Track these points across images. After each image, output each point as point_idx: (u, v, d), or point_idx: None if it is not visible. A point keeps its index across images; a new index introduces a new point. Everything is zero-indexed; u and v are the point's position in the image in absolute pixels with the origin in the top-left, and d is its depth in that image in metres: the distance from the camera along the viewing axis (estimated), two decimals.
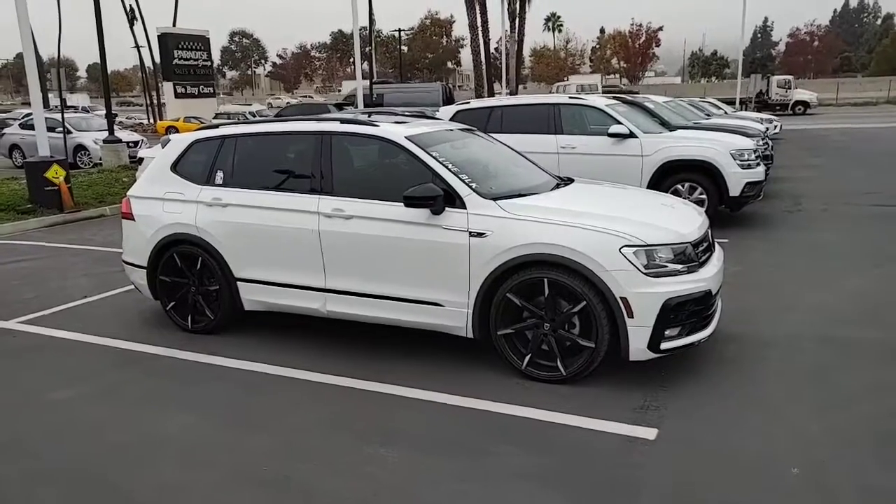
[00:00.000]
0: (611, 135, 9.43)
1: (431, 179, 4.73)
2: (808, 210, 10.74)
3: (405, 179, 4.78)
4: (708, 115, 17.46)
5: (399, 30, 71.78)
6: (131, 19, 42.71)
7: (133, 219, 5.89)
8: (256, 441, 3.92)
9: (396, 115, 6.15)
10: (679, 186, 9.32)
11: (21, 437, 4.07)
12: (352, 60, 73.08)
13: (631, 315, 4.22)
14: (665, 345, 4.30)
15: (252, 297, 5.45)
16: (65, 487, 3.53)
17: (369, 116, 5.73)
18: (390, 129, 5.13)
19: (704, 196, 9.24)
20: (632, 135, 9.42)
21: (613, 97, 11.71)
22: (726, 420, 4.00)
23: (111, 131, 19.07)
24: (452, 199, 4.66)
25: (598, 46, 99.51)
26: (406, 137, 5.02)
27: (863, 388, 4.36)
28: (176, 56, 33.83)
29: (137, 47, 44.36)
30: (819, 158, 17.83)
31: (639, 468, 3.52)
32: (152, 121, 42.68)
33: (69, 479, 3.60)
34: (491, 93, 43.89)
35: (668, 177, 9.36)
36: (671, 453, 3.65)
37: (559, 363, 4.45)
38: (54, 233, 10.76)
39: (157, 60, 38.43)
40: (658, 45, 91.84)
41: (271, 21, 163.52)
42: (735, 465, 3.51)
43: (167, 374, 4.96)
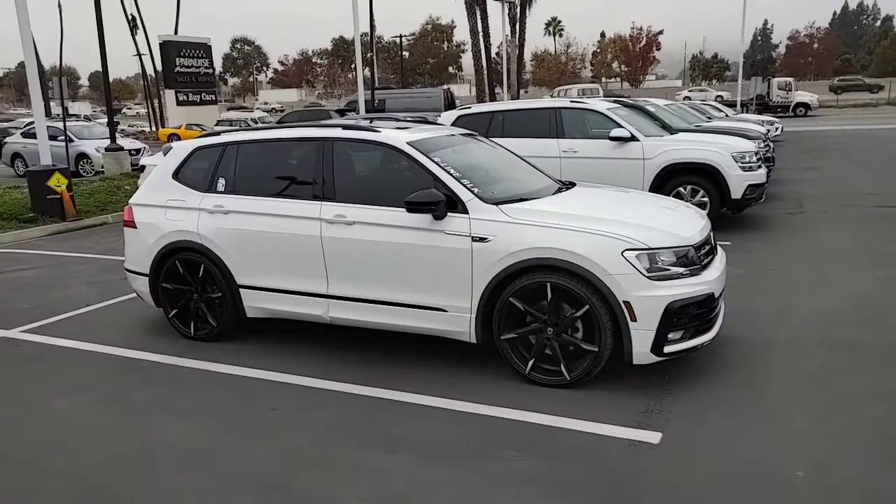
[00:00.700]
0: (612, 138, 9.45)
1: (433, 185, 4.73)
2: (810, 212, 10.73)
3: (407, 185, 4.78)
4: (709, 118, 17.45)
5: (400, 35, 72.11)
6: (133, 27, 42.82)
7: (135, 227, 5.90)
8: (258, 448, 3.91)
9: (398, 121, 6.15)
10: (681, 189, 9.32)
11: (23, 446, 4.06)
12: (353, 66, 73.21)
13: (634, 319, 4.21)
14: (668, 348, 4.30)
15: (254, 304, 5.45)
16: (66, 496, 3.52)
17: (371, 122, 5.74)
18: (392, 135, 5.14)
19: (706, 199, 9.24)
20: (633, 138, 9.43)
21: (615, 100, 11.70)
22: (730, 423, 3.99)
23: (113, 139, 19.12)
24: (454, 205, 4.65)
25: (599, 50, 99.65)
26: (408, 143, 5.02)
27: (866, 391, 4.35)
28: (177, 64, 33.86)
29: (139, 55, 44.47)
30: (821, 160, 17.81)
31: (643, 472, 3.51)
32: (154, 128, 42.77)
33: (71, 488, 3.59)
34: (493, 97, 43.96)
35: (670, 180, 9.37)
36: (675, 457, 3.64)
37: (563, 367, 4.44)
38: (57, 241, 10.78)
39: (159, 68, 38.50)
40: (658, 49, 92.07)
41: (273, 28, 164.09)
42: (739, 469, 3.50)
43: (169, 382, 4.96)
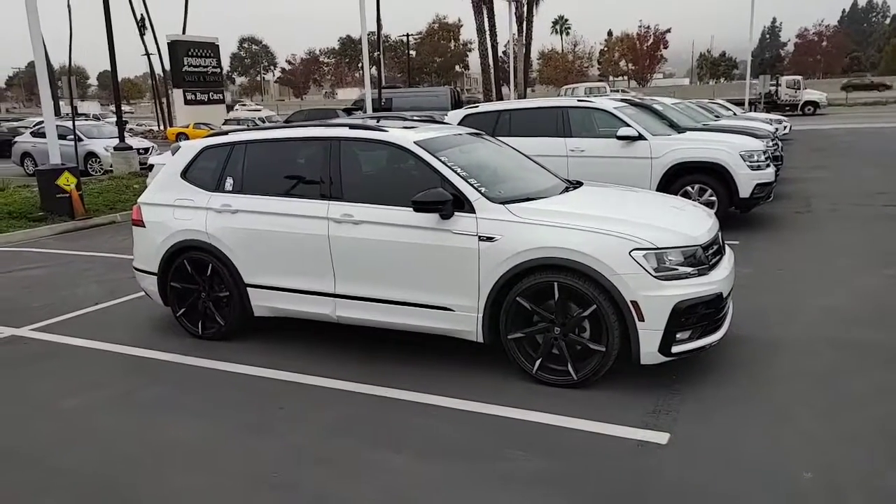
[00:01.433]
0: (620, 137, 9.42)
1: (440, 184, 4.73)
2: (819, 211, 10.67)
3: (414, 184, 4.78)
4: (717, 117, 17.40)
5: (407, 34, 72.00)
6: (141, 27, 43.02)
7: (144, 226, 5.93)
8: (266, 447, 3.92)
9: (405, 120, 6.16)
10: (689, 188, 9.29)
11: (32, 445, 4.09)
12: (360, 66, 73.27)
13: (641, 318, 4.20)
14: (676, 348, 4.28)
15: (262, 303, 5.46)
16: (75, 495, 3.54)
17: (378, 121, 5.74)
18: (399, 135, 5.14)
19: (714, 198, 9.21)
20: (641, 137, 9.40)
21: (622, 99, 11.68)
22: (738, 423, 3.97)
23: (122, 138, 19.21)
24: (461, 204, 4.65)
25: (606, 49, 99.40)
26: (415, 142, 5.02)
27: (875, 391, 4.33)
28: (186, 63, 33.97)
29: (147, 55, 44.69)
30: (829, 159, 17.72)
31: (650, 472, 3.50)
32: (162, 127, 42.95)
33: (80, 487, 3.61)
34: (499, 96, 43.91)
35: (678, 179, 9.33)
36: (683, 457, 3.63)
37: (570, 367, 4.44)
38: (66, 240, 10.83)
39: (167, 67, 38.64)
40: (666, 47, 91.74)
41: (280, 27, 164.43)
42: (747, 469, 3.49)
43: (177, 381, 4.98)
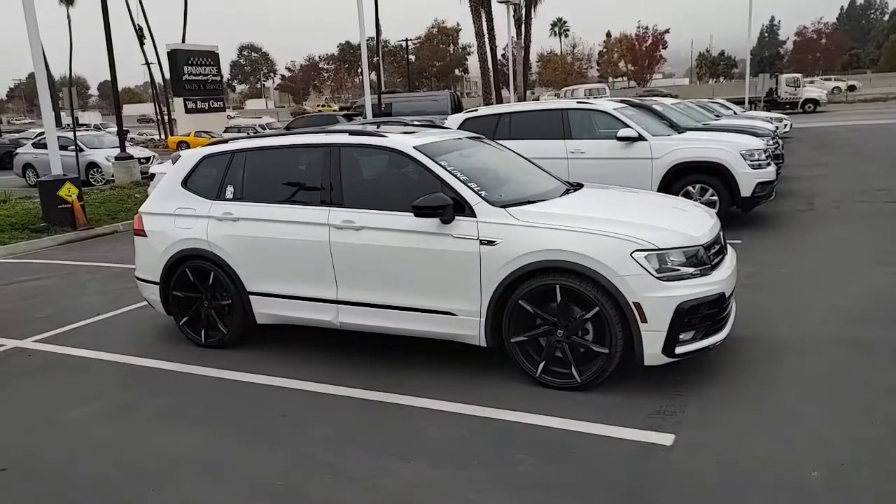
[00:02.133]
0: (620, 138, 9.41)
1: (440, 188, 4.73)
2: (821, 209, 10.65)
3: (414, 189, 4.78)
4: (717, 116, 17.38)
5: (406, 39, 72.11)
6: (141, 37, 43.15)
7: (145, 235, 5.93)
8: (271, 455, 3.92)
9: (405, 125, 6.15)
10: (690, 188, 9.28)
11: (36, 456, 4.08)
12: (360, 71, 73.31)
13: (644, 320, 4.19)
14: (680, 349, 4.27)
15: (264, 311, 5.46)
16: None
17: (378, 127, 5.74)
18: (398, 140, 5.14)
19: (716, 197, 9.19)
20: (641, 138, 9.39)
21: (622, 100, 11.67)
22: (743, 424, 3.96)
23: (123, 148, 19.26)
24: (462, 208, 4.65)
25: (605, 50, 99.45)
26: (414, 147, 5.02)
27: (881, 389, 4.30)
28: (186, 72, 34.08)
29: (147, 64, 44.81)
30: (830, 156, 17.68)
31: (656, 475, 3.49)
32: (163, 136, 43.04)
33: (84, 498, 3.60)
34: (499, 99, 43.93)
35: (679, 179, 9.32)
36: (688, 459, 3.62)
37: (574, 370, 4.42)
38: (68, 250, 10.85)
39: (168, 76, 38.75)
40: (665, 48, 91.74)
41: (279, 34, 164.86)
42: (754, 470, 3.47)
43: (181, 390, 4.97)
